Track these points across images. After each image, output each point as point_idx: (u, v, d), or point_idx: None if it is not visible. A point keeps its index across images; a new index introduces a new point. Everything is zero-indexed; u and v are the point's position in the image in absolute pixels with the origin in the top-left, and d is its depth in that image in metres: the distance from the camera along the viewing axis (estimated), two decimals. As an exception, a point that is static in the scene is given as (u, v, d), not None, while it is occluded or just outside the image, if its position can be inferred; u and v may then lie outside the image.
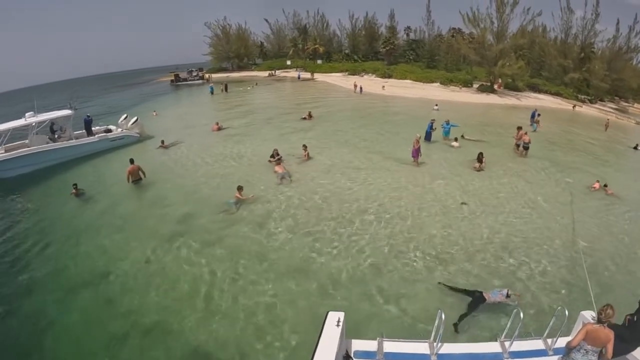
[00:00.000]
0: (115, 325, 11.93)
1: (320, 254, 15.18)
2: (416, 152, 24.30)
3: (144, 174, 24.45)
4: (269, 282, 13.64)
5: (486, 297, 11.62)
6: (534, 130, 35.58)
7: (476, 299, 11.70)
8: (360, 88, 64.96)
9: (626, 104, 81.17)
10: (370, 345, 7.68)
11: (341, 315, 7.44)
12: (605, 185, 22.43)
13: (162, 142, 31.36)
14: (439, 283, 12.74)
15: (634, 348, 7.28)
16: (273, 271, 14.25)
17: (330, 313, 7.57)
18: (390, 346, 7.64)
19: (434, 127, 30.95)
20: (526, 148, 27.98)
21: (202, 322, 11.88)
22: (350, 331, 7.89)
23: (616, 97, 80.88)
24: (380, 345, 7.58)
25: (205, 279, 13.97)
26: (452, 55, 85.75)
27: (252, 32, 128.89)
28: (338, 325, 7.17)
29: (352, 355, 7.36)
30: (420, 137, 23.96)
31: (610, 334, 6.61)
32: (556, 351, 7.79)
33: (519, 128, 29.59)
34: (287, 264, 14.64)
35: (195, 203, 20.44)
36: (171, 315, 12.22)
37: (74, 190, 21.74)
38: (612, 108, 71.08)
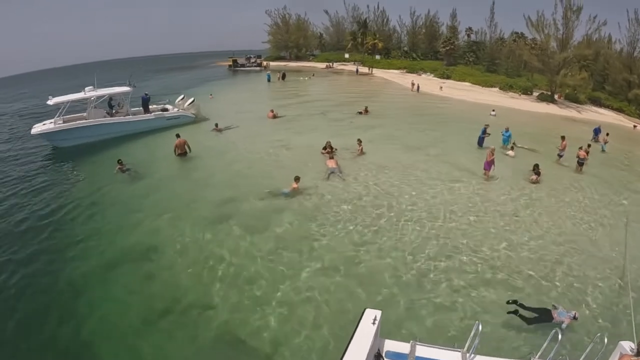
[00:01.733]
0: (152, 301, 12.62)
1: (367, 252, 15.38)
2: (489, 165, 23.30)
3: (189, 148, 25.85)
4: (310, 273, 14.01)
5: (553, 316, 11.46)
6: (603, 151, 33.56)
7: (542, 316, 11.56)
8: (418, 86, 64.40)
9: None
10: (402, 347, 7.59)
11: (378, 313, 7.38)
12: None
13: (216, 125, 32.29)
14: (508, 302, 12.08)
15: None
16: (316, 263, 14.61)
17: (367, 310, 7.52)
18: (423, 351, 7.46)
19: (487, 133, 30.50)
20: (581, 164, 26.79)
21: (238, 307, 12.31)
22: (384, 331, 7.79)
23: (682, 118, 77.61)
24: (412, 349, 7.46)
25: (246, 265, 14.41)
26: (513, 61, 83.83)
27: (311, 23, 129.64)
28: (374, 323, 7.10)
29: (383, 355, 7.29)
30: (494, 149, 23.35)
31: None
32: None
33: (563, 137, 28.85)
34: (332, 258, 14.90)
35: (244, 188, 20.91)
36: (208, 297, 12.73)
37: (118, 166, 22.60)
38: None
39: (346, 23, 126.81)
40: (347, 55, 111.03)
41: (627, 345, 7.66)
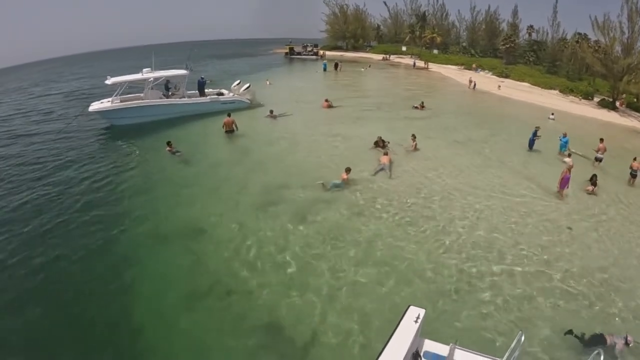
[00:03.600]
0: (196, 280, 13.30)
1: (414, 252, 15.48)
2: (565, 182, 21.34)
3: (236, 127, 27.75)
4: (355, 266, 14.32)
5: (607, 339, 11.16)
6: None
7: (596, 339, 11.29)
8: (475, 84, 63.58)
9: None
10: (442, 349, 7.51)
11: (422, 311, 7.39)
12: None
13: (271, 111, 33.11)
14: (565, 334, 11.69)
15: None
16: (362, 257, 14.94)
17: (411, 307, 7.53)
18: (461, 355, 7.31)
19: (537, 135, 30.09)
20: (634, 176, 25.15)
21: (281, 294, 12.78)
22: (424, 330, 7.82)
23: None
24: (451, 352, 7.26)
25: (293, 254, 14.87)
26: (575, 63, 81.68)
27: (369, 14, 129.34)
28: (417, 321, 7.11)
29: (421, 355, 7.30)
30: (572, 165, 21.75)
31: None
32: None
33: (602, 140, 28.57)
34: (377, 253, 15.25)
35: (295, 177, 21.47)
36: (252, 283, 13.26)
37: (168, 148, 23.56)
38: None
39: (404, 15, 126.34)
40: (404, 48, 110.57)
41: None
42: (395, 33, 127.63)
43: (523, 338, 6.52)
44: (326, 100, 39.23)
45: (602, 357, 6.46)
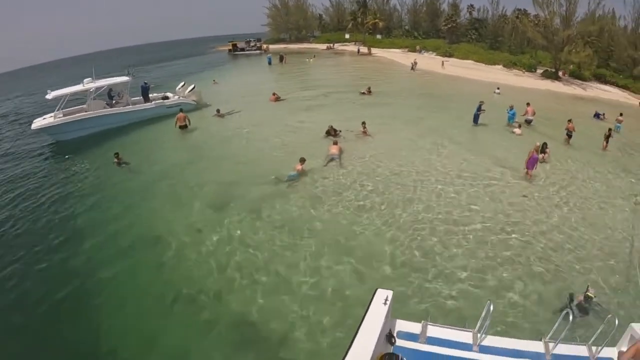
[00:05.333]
0: (163, 291, 12.64)
1: (374, 234, 15.43)
2: (533, 163, 20.91)
3: (189, 121, 27.64)
4: (317, 256, 14.04)
5: (575, 298, 11.70)
6: (618, 131, 33.22)
7: (569, 300, 11.76)
8: (414, 65, 64.27)
9: None
10: (414, 327, 7.65)
11: (389, 293, 7.33)
12: None
13: (218, 110, 32.12)
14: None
15: None
16: (323, 246, 14.60)
17: (378, 290, 7.45)
18: (434, 331, 7.61)
19: (482, 110, 30.44)
20: (569, 136, 27.99)
21: (249, 291, 12.43)
22: (395, 311, 7.79)
23: (687, 96, 77.02)
24: (424, 329, 7.56)
25: (255, 251, 14.41)
26: (517, 38, 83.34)
27: (311, 4, 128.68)
28: (385, 303, 7.08)
29: (395, 335, 7.36)
30: (538, 146, 21.77)
31: None
32: None
33: (528, 104, 32.09)
34: (337, 241, 14.94)
35: (248, 173, 20.92)
36: (218, 285, 12.78)
37: (115, 159, 22.22)
38: None
39: (346, 3, 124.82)
40: (347, 36, 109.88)
41: (638, 327, 7.61)
42: (338, 21, 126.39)
43: (492, 307, 7.04)
44: (274, 94, 38.52)
45: (571, 317, 7.01)
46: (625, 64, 73.87)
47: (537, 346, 7.72)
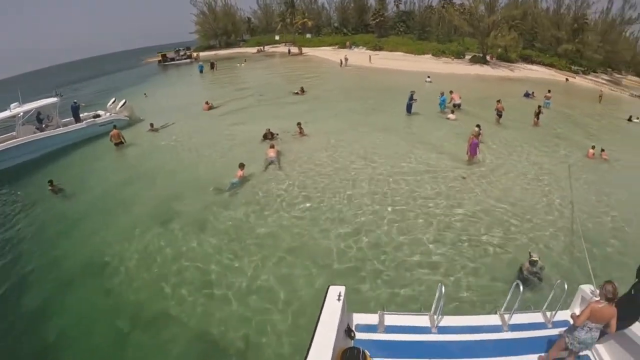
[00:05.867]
0: (117, 317, 11.81)
1: (319, 232, 15.13)
2: (474, 148, 21.19)
3: (124, 138, 26.37)
4: (267, 261, 13.61)
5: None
6: (548, 107, 35.59)
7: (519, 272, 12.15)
8: (343, 61, 64.89)
9: (619, 75, 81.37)
10: (371, 318, 7.75)
11: (342, 289, 7.30)
12: (603, 150, 23.78)
13: (152, 125, 30.51)
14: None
15: (630, 323, 7.06)
16: (272, 250, 14.17)
17: (331, 287, 7.42)
18: (391, 319, 7.73)
19: (414, 99, 30.80)
20: (500, 116, 29.43)
21: (204, 308, 11.78)
22: (351, 306, 7.90)
23: (609, 69, 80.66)
24: (381, 319, 7.68)
25: (203, 264, 13.74)
26: (444, 27, 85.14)
27: (239, 7, 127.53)
28: (339, 299, 7.05)
29: (353, 329, 7.39)
30: (478, 132, 22.02)
31: (614, 311, 6.49)
32: (555, 324, 8.01)
33: (451, 92, 32.88)
34: (286, 244, 14.52)
35: (189, 184, 20.09)
36: (171, 304, 12.09)
37: (50, 187, 20.60)
38: (605, 80, 71.11)
39: (274, 5, 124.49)
40: (277, 37, 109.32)
41: (587, 288, 8.16)
42: (267, 23, 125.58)
43: (444, 289, 7.21)
44: (206, 102, 37.05)
45: (521, 287, 7.47)
46: (550, 43, 76.85)
47: (493, 319, 8.09)
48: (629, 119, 37.37)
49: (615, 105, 47.21)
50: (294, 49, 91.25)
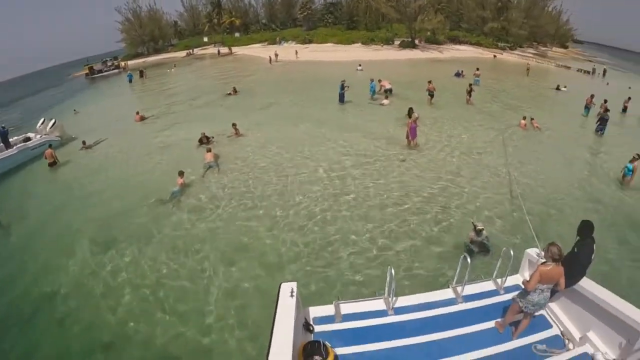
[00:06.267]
0: (75, 346, 11.13)
1: (266, 232, 14.92)
2: (413, 132, 21.55)
3: (57, 158, 25.07)
4: (217, 268, 13.25)
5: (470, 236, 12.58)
6: (478, 84, 36.79)
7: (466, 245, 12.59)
8: (275, 56, 64.80)
9: (545, 48, 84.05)
10: (327, 310, 7.81)
11: (294, 285, 7.27)
12: (532, 119, 25.75)
13: (84, 142, 28.84)
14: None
15: (578, 280, 7.44)
16: (220, 256, 13.80)
17: (282, 285, 7.38)
18: (347, 307, 7.83)
19: (345, 88, 31.01)
20: (431, 96, 30.70)
21: (162, 327, 11.22)
22: (306, 300, 8.05)
23: (535, 43, 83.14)
24: (337, 309, 7.75)
25: (154, 279, 13.17)
26: (372, 15, 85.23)
27: (164, 11, 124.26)
28: (292, 295, 7.05)
29: (311, 323, 7.40)
30: (417, 117, 22.32)
31: (561, 270, 6.76)
32: (507, 289, 8.41)
33: (380, 80, 33.21)
34: (233, 247, 14.25)
35: (129, 199, 19.10)
36: (127, 328, 11.43)
37: None
38: (531, 53, 73.62)
39: (200, 5, 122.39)
40: (206, 39, 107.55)
41: (533, 252, 8.57)
42: (194, 25, 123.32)
43: (393, 271, 7.41)
44: (137, 113, 35.41)
45: (468, 259, 7.75)
46: (476, 23, 78.70)
47: (447, 293, 8.36)
48: (557, 88, 40.45)
49: (542, 76, 49.43)
50: (224, 49, 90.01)
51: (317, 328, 7.36)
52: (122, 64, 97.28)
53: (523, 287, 7.08)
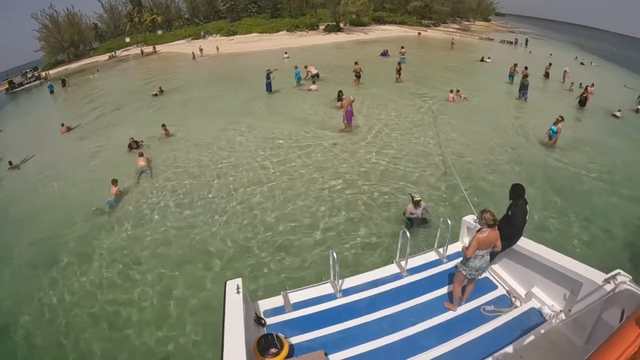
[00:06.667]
0: None
1: (207, 231, 14.80)
2: (349, 116, 21.78)
3: None
4: (159, 279, 12.89)
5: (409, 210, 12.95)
6: (404, 62, 37.47)
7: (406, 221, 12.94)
8: (200, 50, 64.37)
9: (468, 23, 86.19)
10: (276, 301, 7.90)
11: (239, 281, 7.20)
12: (458, 91, 27.56)
13: (10, 163, 27.22)
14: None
15: (515, 241, 7.84)
16: (162, 264, 13.48)
17: (228, 282, 7.28)
18: (296, 296, 7.97)
19: (272, 77, 31.17)
20: (358, 77, 31.82)
21: (115, 342, 10.91)
22: (254, 295, 8.46)
23: (458, 18, 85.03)
24: (286, 298, 7.86)
25: (97, 297, 12.59)
26: (295, 2, 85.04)
27: (83, 14, 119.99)
28: (238, 292, 6.97)
29: (262, 316, 7.46)
30: (352, 100, 22.66)
31: (497, 234, 7.02)
32: (449, 257, 8.89)
33: (306, 66, 34.40)
34: (175, 252, 14.01)
35: (63, 215, 18.15)
36: (78, 345, 11.07)
37: None
38: (455, 28, 75.40)
39: (120, 5, 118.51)
40: (128, 39, 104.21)
41: (470, 219, 9.01)
42: (115, 26, 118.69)
43: (335, 254, 7.65)
44: (62, 125, 33.82)
45: (407, 234, 8.06)
46: (399, 2, 79.61)
47: (392, 269, 8.68)
48: (482, 60, 43.60)
49: (467, 50, 51.32)
50: (147, 49, 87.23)
51: (269, 320, 7.43)
52: (43, 74, 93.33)
53: (464, 255, 7.26)
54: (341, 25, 69.26)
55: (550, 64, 37.89)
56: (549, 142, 20.18)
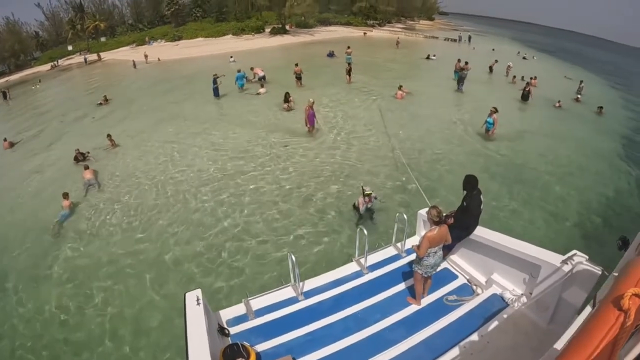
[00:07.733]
0: None
1: (160, 244, 14.38)
2: (311, 119, 21.97)
3: None
4: (117, 297, 12.39)
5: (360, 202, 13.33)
6: (350, 62, 37.88)
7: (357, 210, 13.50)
8: (145, 57, 63.63)
9: (412, 22, 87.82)
10: (239, 309, 7.79)
11: (198, 292, 7.01)
12: (401, 87, 28.48)
13: None
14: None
15: (472, 230, 8.09)
16: (118, 281, 12.95)
17: (187, 294, 7.06)
18: (258, 302, 7.89)
19: (218, 82, 31.10)
20: (299, 78, 32.81)
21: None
22: (215, 306, 8.07)
23: (402, 18, 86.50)
24: (248, 306, 7.78)
25: (53, 324, 11.78)
26: (240, 5, 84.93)
27: (23, 22, 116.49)
28: (198, 303, 6.77)
29: (225, 326, 7.33)
30: (312, 102, 22.36)
31: (445, 228, 7.24)
32: (408, 252, 9.03)
33: (252, 68, 35.66)
34: (129, 268, 13.49)
35: (11, 238, 16.97)
36: None
37: None
38: (400, 28, 76.87)
39: (61, 12, 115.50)
40: (70, 47, 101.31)
41: (425, 212, 8.59)
42: (57, 34, 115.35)
43: (294, 257, 7.72)
44: (5, 140, 32.64)
45: (365, 232, 8.31)
46: (345, 4, 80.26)
47: (352, 267, 8.81)
48: (427, 57, 45.70)
49: (413, 48, 52.59)
50: (91, 57, 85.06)
51: (233, 330, 7.33)
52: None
53: (417, 254, 7.34)
54: (287, 27, 69.75)
55: (496, 60, 40.63)
56: (487, 134, 21.25)
